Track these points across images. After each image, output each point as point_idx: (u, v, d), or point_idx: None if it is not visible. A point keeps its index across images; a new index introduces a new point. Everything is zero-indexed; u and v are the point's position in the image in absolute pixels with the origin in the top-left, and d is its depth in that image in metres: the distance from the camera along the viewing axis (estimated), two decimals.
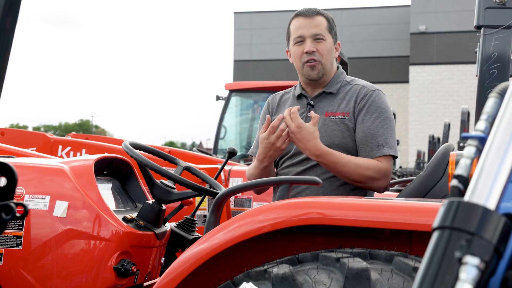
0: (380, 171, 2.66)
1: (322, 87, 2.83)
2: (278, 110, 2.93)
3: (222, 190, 2.65)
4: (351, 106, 2.74)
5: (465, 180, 0.92)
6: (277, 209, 2.03)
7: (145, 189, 2.83)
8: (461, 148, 7.32)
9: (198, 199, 3.51)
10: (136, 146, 2.76)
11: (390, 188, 5.14)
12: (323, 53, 2.78)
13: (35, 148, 4.80)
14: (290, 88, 2.99)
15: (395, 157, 2.75)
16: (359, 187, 2.70)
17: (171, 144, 64.12)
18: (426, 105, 29.91)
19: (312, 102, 2.80)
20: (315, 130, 2.58)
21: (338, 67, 2.92)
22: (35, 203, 2.47)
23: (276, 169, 2.89)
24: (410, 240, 2.10)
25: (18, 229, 2.45)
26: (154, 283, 2.59)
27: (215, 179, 3.26)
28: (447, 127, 11.49)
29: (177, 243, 2.92)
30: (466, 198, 0.88)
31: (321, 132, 2.71)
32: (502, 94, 0.96)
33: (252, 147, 2.98)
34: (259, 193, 3.12)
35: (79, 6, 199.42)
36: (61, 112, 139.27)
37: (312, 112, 2.62)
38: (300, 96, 2.87)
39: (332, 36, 2.84)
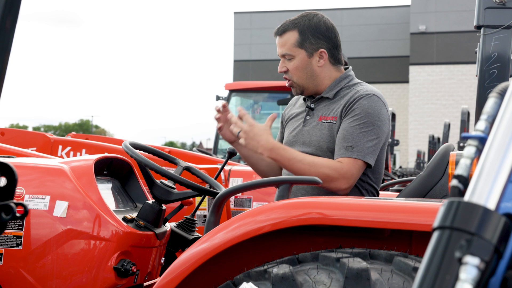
0: (338, 171, 2.57)
1: (320, 93, 2.82)
2: (291, 109, 2.97)
3: (222, 190, 2.65)
4: (339, 111, 2.70)
5: (465, 180, 0.92)
6: (277, 209, 2.03)
7: (145, 189, 2.83)
8: (461, 148, 7.32)
9: (198, 199, 3.51)
10: (136, 146, 2.76)
11: (390, 188, 5.14)
12: (293, 72, 2.77)
13: (35, 148, 4.80)
14: None
15: (369, 166, 2.64)
16: (319, 187, 2.63)
17: (171, 144, 64.12)
18: (426, 105, 29.92)
19: (312, 106, 2.81)
20: (267, 128, 2.63)
21: (346, 68, 2.87)
22: (35, 203, 2.47)
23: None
24: (410, 240, 2.11)
25: (18, 229, 2.45)
26: (154, 283, 2.59)
27: (215, 179, 3.26)
28: (447, 127, 11.50)
29: (177, 243, 2.92)
30: (466, 198, 0.88)
31: (313, 136, 2.72)
32: (502, 94, 0.96)
33: None
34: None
35: (78, 4, 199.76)
36: (61, 112, 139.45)
37: (274, 114, 2.71)
38: (304, 99, 2.90)
39: (305, 48, 2.75)
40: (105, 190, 2.63)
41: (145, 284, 2.65)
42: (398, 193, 3.20)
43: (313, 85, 2.79)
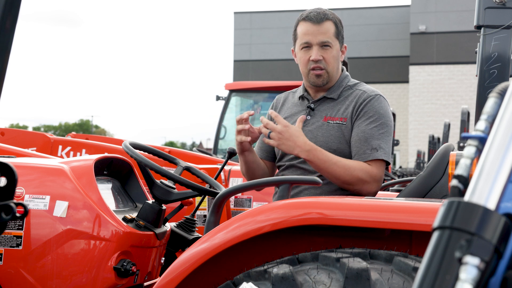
0: (370, 175, 2.60)
1: (324, 92, 2.81)
2: (281, 109, 2.93)
3: (222, 190, 2.65)
4: (349, 112, 2.71)
5: (465, 180, 0.92)
6: (277, 209, 2.03)
7: (145, 189, 2.83)
8: (461, 148, 7.32)
9: (198, 199, 3.51)
10: (136, 146, 2.76)
11: (390, 188, 5.14)
12: (329, 62, 2.76)
13: (35, 148, 4.81)
14: (296, 88, 2.98)
15: (387, 164, 2.69)
16: (348, 190, 2.63)
17: (171, 144, 64.11)
18: (426, 105, 29.92)
19: (312, 106, 2.80)
20: (300, 130, 2.59)
21: (343, 70, 2.88)
22: (35, 203, 2.47)
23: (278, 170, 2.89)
24: (410, 240, 2.11)
25: (18, 229, 2.45)
26: (154, 283, 2.59)
27: (215, 179, 3.26)
28: (447, 127, 11.50)
29: (177, 243, 2.92)
30: (466, 198, 0.88)
31: (319, 137, 2.70)
32: (502, 94, 0.96)
33: (255, 148, 2.97)
34: (259, 190, 3.17)
35: (78, 4, 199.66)
36: (61, 112, 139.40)
37: (303, 116, 2.64)
38: (302, 98, 2.87)
39: (339, 41, 2.80)
40: (105, 190, 2.64)
41: (145, 284, 2.65)
42: (398, 193, 3.20)
43: (334, 78, 2.81)
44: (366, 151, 2.63)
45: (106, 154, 2.84)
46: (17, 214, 1.21)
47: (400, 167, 22.62)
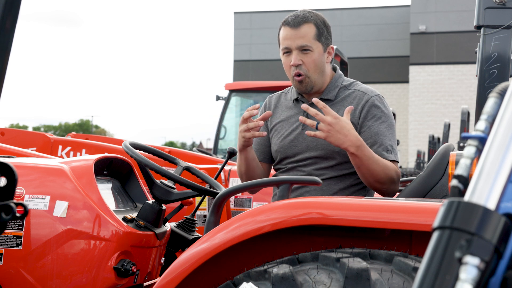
0: (398, 175, 2.63)
1: (318, 94, 2.77)
2: (275, 111, 2.88)
3: (222, 190, 2.65)
4: (355, 114, 2.68)
5: (465, 180, 0.92)
6: (277, 209, 2.03)
7: (145, 189, 2.83)
8: (461, 148, 7.32)
9: (198, 199, 3.51)
10: (136, 146, 2.76)
11: None
12: (309, 66, 2.69)
13: (35, 148, 4.80)
14: (287, 88, 2.94)
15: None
16: (377, 189, 2.62)
17: (171, 144, 64.10)
18: (426, 105, 29.92)
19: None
20: (351, 123, 2.49)
21: (336, 69, 2.83)
22: (35, 203, 2.47)
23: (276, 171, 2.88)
24: (410, 240, 2.11)
25: (18, 229, 2.45)
26: (154, 283, 2.59)
27: (215, 179, 3.26)
28: (447, 127, 11.50)
29: (177, 243, 2.92)
30: (466, 198, 0.88)
31: (318, 139, 2.67)
32: (502, 94, 0.96)
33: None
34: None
35: (78, 4, 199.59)
36: (61, 112, 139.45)
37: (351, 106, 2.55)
38: (297, 100, 2.83)
39: (321, 43, 2.72)
40: (105, 190, 2.63)
41: (145, 284, 2.65)
42: (398, 193, 3.20)
43: (321, 81, 2.75)
44: (383, 152, 2.64)
45: (106, 154, 2.84)
46: (17, 214, 1.21)
47: (400, 167, 22.60)
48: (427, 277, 0.84)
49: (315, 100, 2.49)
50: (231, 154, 3.40)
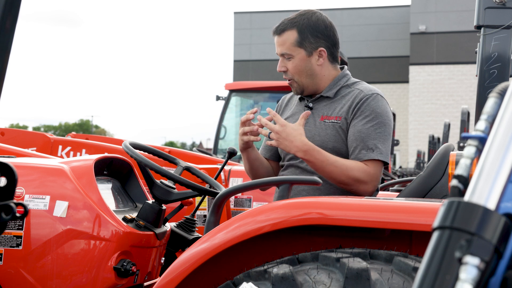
0: (367, 174, 2.59)
1: (319, 92, 2.80)
2: (284, 109, 2.94)
3: (222, 190, 2.65)
4: (344, 111, 2.69)
5: (465, 180, 0.92)
6: (277, 209, 2.03)
7: (145, 189, 2.83)
8: (461, 148, 7.32)
9: (198, 199, 3.51)
10: (136, 146, 2.76)
11: (390, 188, 5.14)
12: (293, 72, 2.75)
13: (35, 148, 4.80)
14: None
15: (385, 164, 2.67)
16: (345, 189, 2.62)
17: (171, 144, 64.10)
18: (426, 105, 29.93)
19: (310, 105, 2.79)
20: (300, 128, 2.57)
21: (342, 68, 2.86)
22: (35, 203, 2.47)
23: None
24: (410, 240, 2.11)
25: (18, 229, 2.45)
26: (154, 283, 2.59)
27: (215, 179, 3.26)
28: (447, 127, 11.50)
29: (177, 243, 2.92)
30: (466, 198, 0.88)
31: (315, 136, 2.69)
32: (502, 94, 0.96)
33: (260, 148, 2.98)
34: (264, 190, 3.19)
35: (78, 4, 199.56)
36: (61, 112, 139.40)
37: (308, 111, 2.62)
38: (301, 98, 2.87)
39: (304, 48, 2.73)
40: (105, 190, 2.63)
41: (145, 284, 2.65)
42: (398, 193, 3.20)
43: (313, 84, 2.77)
44: (362, 151, 2.62)
45: (106, 154, 2.84)
46: (17, 214, 1.21)
47: (400, 167, 22.62)
48: (427, 277, 0.84)
49: (268, 109, 2.63)
50: (231, 154, 3.40)
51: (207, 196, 2.92)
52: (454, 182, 0.92)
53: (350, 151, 2.66)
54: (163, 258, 2.76)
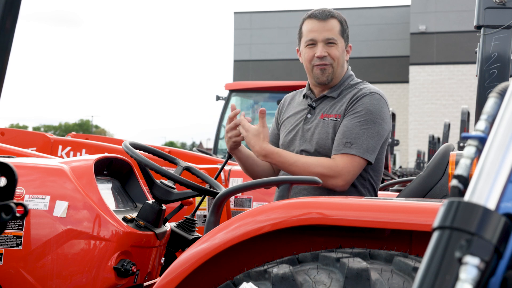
0: (332, 169, 2.59)
1: (327, 90, 2.82)
2: (287, 108, 2.96)
3: (222, 190, 2.66)
4: (343, 108, 2.71)
5: (465, 180, 0.92)
6: (277, 209, 2.03)
7: (145, 189, 2.83)
8: (461, 148, 7.32)
9: (198, 199, 3.51)
10: (136, 146, 2.76)
11: (390, 188, 5.14)
12: (334, 57, 2.77)
13: (35, 148, 4.81)
14: (304, 88, 2.99)
15: (369, 163, 2.65)
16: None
17: (171, 144, 64.10)
18: (426, 105, 29.93)
19: (313, 104, 2.80)
20: (261, 132, 2.66)
21: (348, 68, 2.89)
22: (35, 203, 2.47)
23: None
24: (410, 240, 2.11)
25: (18, 229, 2.45)
26: (154, 283, 2.59)
27: (215, 179, 3.26)
28: (447, 127, 11.50)
29: (177, 243, 2.92)
30: (466, 198, 0.88)
31: (314, 134, 2.72)
32: (502, 94, 0.96)
33: None
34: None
35: (78, 4, 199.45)
36: (61, 112, 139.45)
37: (262, 108, 2.69)
38: (305, 96, 2.89)
39: (344, 39, 2.81)
40: (105, 190, 2.63)
41: (145, 284, 2.65)
42: (398, 193, 3.20)
43: (339, 75, 2.82)
44: (339, 145, 2.64)
45: (106, 154, 2.84)
46: (17, 214, 1.21)
47: (400, 167, 22.61)
48: (427, 277, 0.84)
49: (233, 112, 2.72)
50: (231, 155, 3.40)
51: (207, 196, 2.92)
52: (454, 182, 0.92)
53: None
54: (163, 258, 2.76)
